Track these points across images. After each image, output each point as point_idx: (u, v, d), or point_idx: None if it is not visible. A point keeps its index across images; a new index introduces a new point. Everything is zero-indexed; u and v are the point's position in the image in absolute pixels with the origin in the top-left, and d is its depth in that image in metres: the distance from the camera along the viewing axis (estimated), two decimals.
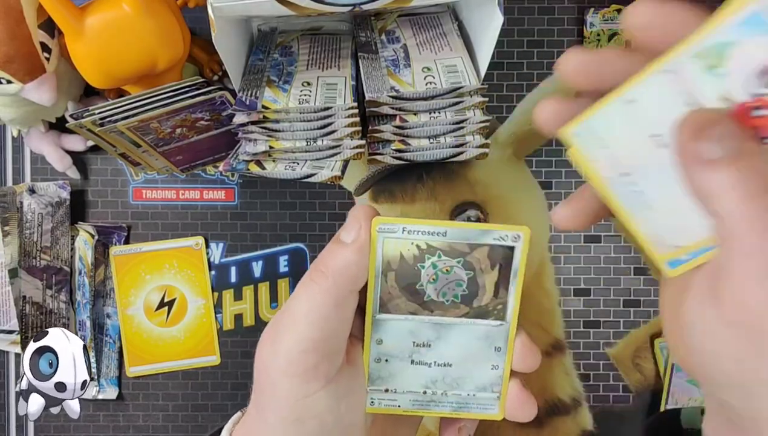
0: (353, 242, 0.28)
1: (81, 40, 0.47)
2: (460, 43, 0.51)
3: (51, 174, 0.60)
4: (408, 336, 0.30)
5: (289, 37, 0.54)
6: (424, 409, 0.32)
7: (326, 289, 0.28)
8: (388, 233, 0.29)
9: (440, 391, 0.31)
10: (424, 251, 0.29)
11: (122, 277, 0.60)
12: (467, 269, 0.29)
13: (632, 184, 0.25)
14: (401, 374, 0.31)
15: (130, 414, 0.61)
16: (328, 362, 0.28)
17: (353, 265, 0.28)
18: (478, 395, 0.31)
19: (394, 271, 0.29)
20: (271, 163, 0.48)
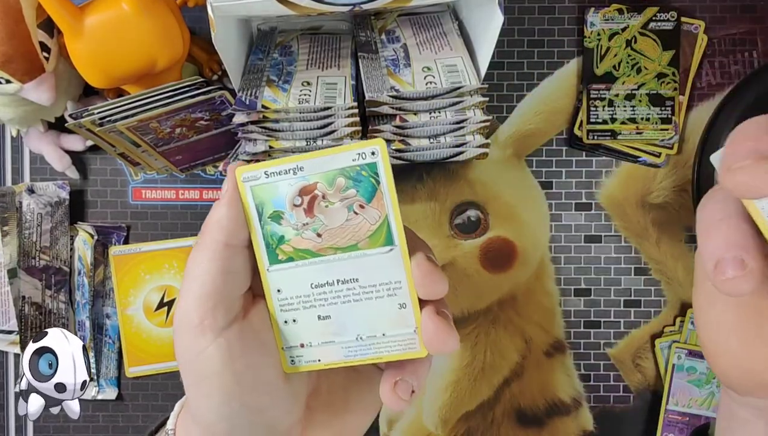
0: (222, 197, 0.29)
1: (80, 40, 0.47)
2: (460, 43, 0.51)
3: (50, 174, 0.60)
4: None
5: (289, 36, 0.54)
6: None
7: (204, 245, 0.28)
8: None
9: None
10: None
11: (122, 277, 0.60)
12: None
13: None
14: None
15: (129, 414, 0.61)
16: (213, 316, 0.28)
17: (224, 218, 0.28)
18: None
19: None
20: None
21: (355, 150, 0.28)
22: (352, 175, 0.28)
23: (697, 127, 0.59)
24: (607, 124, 0.58)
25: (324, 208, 0.29)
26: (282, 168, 0.28)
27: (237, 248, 0.29)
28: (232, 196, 0.29)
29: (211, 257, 0.28)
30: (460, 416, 0.61)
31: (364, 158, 0.28)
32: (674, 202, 0.60)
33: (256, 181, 0.29)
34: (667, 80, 0.58)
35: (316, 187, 0.28)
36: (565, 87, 0.60)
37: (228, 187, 0.29)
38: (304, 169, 0.28)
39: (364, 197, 0.28)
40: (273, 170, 0.28)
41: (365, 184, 0.28)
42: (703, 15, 0.59)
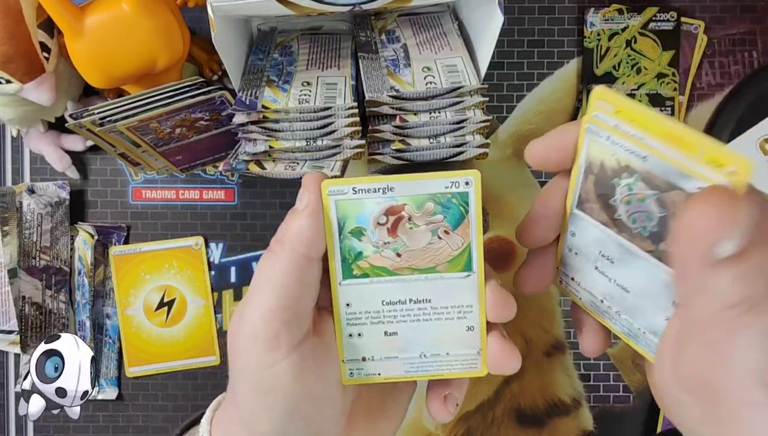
0: (304, 208, 0.28)
1: (80, 40, 0.47)
2: (460, 43, 0.51)
3: (50, 174, 0.60)
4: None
5: (289, 36, 0.54)
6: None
7: (283, 257, 0.28)
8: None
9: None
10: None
11: (122, 277, 0.60)
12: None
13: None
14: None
15: (129, 414, 0.61)
16: (288, 330, 0.28)
17: (306, 229, 0.28)
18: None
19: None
20: (271, 163, 0.48)
21: (450, 178, 0.28)
22: (442, 202, 0.28)
23: (697, 127, 0.59)
24: None
25: (408, 230, 0.29)
26: (372, 186, 0.28)
27: (314, 260, 0.29)
28: (315, 208, 0.28)
29: (289, 268, 0.28)
30: (460, 416, 0.61)
31: (457, 187, 0.28)
32: None
33: (342, 196, 0.29)
34: (667, 80, 0.58)
35: (404, 209, 0.29)
36: (565, 87, 0.60)
37: (311, 199, 0.28)
38: (394, 190, 0.28)
39: (450, 224, 0.29)
40: (362, 187, 0.29)
41: (453, 211, 0.28)
42: (702, 15, 0.59)
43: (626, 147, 0.25)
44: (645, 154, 0.25)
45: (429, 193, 0.28)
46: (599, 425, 0.61)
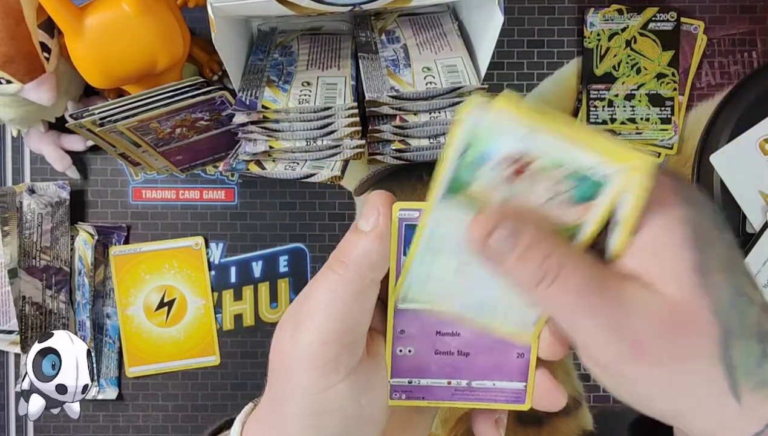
0: (372, 230, 0.27)
1: (81, 40, 0.47)
2: (460, 43, 0.51)
3: (51, 174, 0.60)
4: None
5: (289, 37, 0.54)
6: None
7: (347, 279, 0.27)
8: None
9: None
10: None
11: (122, 277, 0.60)
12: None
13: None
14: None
15: (129, 414, 0.61)
16: (348, 354, 0.27)
17: (373, 253, 0.27)
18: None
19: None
20: (271, 163, 0.48)
21: (607, 160, 0.25)
22: (579, 174, 0.25)
23: (697, 127, 0.59)
24: (606, 125, 0.58)
25: (535, 177, 0.25)
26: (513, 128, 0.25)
27: (376, 284, 0.28)
28: (383, 232, 0.27)
29: (354, 291, 0.27)
30: (460, 416, 0.61)
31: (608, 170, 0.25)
32: None
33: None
34: (667, 80, 0.58)
35: (539, 160, 0.25)
36: (565, 87, 0.60)
37: (380, 223, 0.27)
38: (537, 140, 0.25)
39: (575, 196, 0.25)
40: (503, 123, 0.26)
41: (586, 185, 0.25)
42: (702, 15, 0.59)
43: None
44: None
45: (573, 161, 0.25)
46: (599, 425, 0.61)
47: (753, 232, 0.56)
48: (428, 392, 0.31)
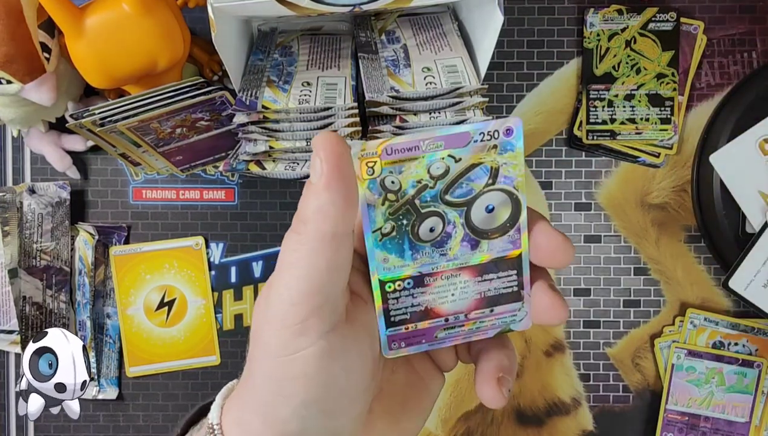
0: (318, 181, 0.25)
1: (81, 40, 0.47)
2: (460, 43, 0.51)
3: (51, 174, 0.60)
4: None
5: (289, 37, 0.54)
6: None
7: (307, 237, 0.25)
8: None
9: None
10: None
11: (122, 277, 0.60)
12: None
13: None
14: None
15: (130, 414, 0.61)
16: (319, 317, 0.26)
17: (326, 205, 0.25)
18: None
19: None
20: (271, 163, 0.48)
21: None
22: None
23: (697, 127, 0.59)
24: (606, 125, 0.58)
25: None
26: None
27: (343, 237, 0.26)
28: (331, 178, 0.25)
29: (315, 250, 0.25)
30: (460, 415, 0.61)
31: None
32: (673, 203, 0.60)
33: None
34: (667, 81, 0.58)
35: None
36: (565, 87, 0.60)
37: (325, 168, 0.25)
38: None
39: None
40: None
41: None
42: (702, 15, 0.59)
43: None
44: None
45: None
46: (599, 425, 0.61)
47: (753, 232, 0.56)
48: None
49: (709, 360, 0.59)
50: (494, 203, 0.27)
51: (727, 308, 0.60)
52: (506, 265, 0.28)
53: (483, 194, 0.27)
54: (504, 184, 0.27)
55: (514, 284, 0.29)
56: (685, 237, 0.60)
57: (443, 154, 0.26)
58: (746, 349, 0.59)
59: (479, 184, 0.27)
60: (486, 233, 0.28)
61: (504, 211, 0.27)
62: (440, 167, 0.26)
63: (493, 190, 0.27)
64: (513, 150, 0.26)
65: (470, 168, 0.26)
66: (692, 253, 0.60)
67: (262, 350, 0.27)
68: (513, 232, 0.28)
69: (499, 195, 0.27)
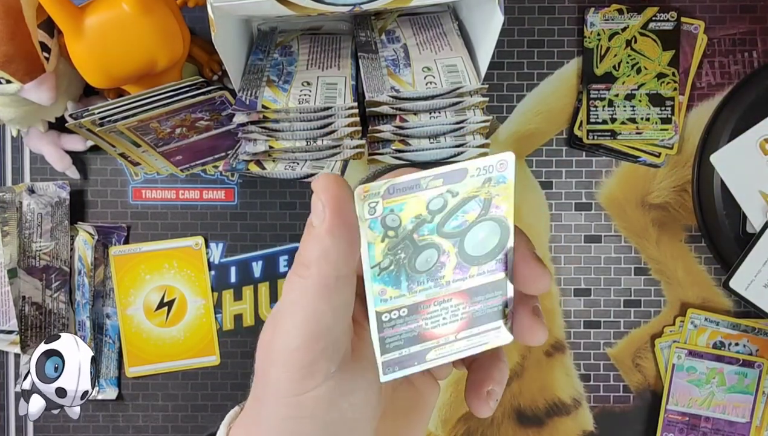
0: (320, 225, 0.25)
1: (80, 40, 0.47)
2: (460, 43, 0.51)
3: (50, 174, 0.60)
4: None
5: (289, 36, 0.54)
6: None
7: (311, 282, 0.26)
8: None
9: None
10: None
11: (122, 277, 0.60)
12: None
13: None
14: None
15: (129, 414, 0.61)
16: (326, 358, 0.26)
17: (330, 250, 0.25)
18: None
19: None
20: (271, 163, 0.48)
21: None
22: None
23: (697, 127, 0.59)
24: (607, 124, 0.58)
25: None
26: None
27: (346, 278, 0.26)
28: (334, 223, 0.25)
29: (320, 293, 0.25)
30: (460, 416, 0.61)
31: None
32: (674, 202, 0.60)
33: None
34: (667, 80, 0.58)
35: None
36: (565, 87, 0.60)
37: (327, 214, 0.25)
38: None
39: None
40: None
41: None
42: (703, 15, 0.59)
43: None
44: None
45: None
46: (599, 425, 0.61)
47: (753, 232, 0.56)
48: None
49: (709, 360, 0.59)
50: (486, 232, 0.28)
51: (727, 308, 0.60)
52: (493, 287, 0.30)
53: (476, 224, 0.28)
54: (495, 214, 0.28)
55: (500, 303, 0.30)
56: (686, 237, 0.60)
57: (442, 190, 0.27)
58: (747, 349, 0.59)
59: (473, 215, 0.28)
60: (477, 260, 0.29)
61: (494, 239, 0.29)
62: (439, 203, 0.27)
63: (485, 220, 0.28)
64: (505, 182, 0.27)
65: (465, 201, 0.27)
66: (693, 253, 0.60)
67: (268, 390, 0.27)
68: (501, 256, 0.29)
69: (490, 224, 0.28)
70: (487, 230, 0.28)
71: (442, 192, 0.27)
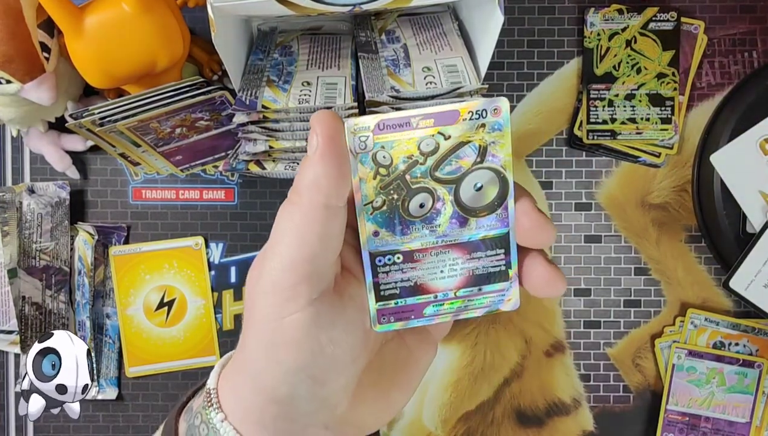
0: (313, 153, 0.26)
1: (80, 40, 0.47)
2: (460, 43, 0.51)
3: (50, 174, 0.60)
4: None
5: (289, 36, 0.54)
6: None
7: (301, 208, 0.27)
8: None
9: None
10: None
11: (122, 277, 0.60)
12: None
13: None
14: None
15: (129, 414, 0.61)
16: (308, 284, 0.27)
17: (320, 177, 0.26)
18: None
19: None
20: (271, 163, 0.48)
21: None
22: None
23: (697, 127, 0.59)
24: (607, 124, 0.58)
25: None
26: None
27: (335, 209, 0.27)
28: (325, 151, 0.26)
29: (308, 219, 0.27)
30: (460, 416, 0.61)
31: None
32: (674, 202, 0.60)
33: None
34: (667, 80, 0.58)
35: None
36: (565, 87, 0.60)
37: (320, 141, 0.26)
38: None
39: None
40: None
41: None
42: (703, 15, 0.59)
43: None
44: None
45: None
46: (599, 425, 0.61)
47: (753, 232, 0.56)
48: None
49: (709, 360, 0.59)
50: (482, 181, 0.28)
51: (727, 308, 0.60)
52: (494, 243, 0.29)
53: (471, 172, 0.28)
54: (492, 162, 0.28)
55: (502, 263, 0.29)
56: (686, 237, 0.60)
57: (433, 131, 0.27)
58: (747, 349, 0.59)
59: (468, 162, 0.27)
60: (474, 211, 0.28)
61: (492, 190, 0.28)
62: (430, 144, 0.27)
63: (481, 168, 0.28)
64: (501, 129, 0.27)
65: (459, 146, 0.27)
66: (693, 253, 0.60)
67: (253, 317, 0.28)
68: (500, 210, 0.28)
69: (487, 173, 0.28)
70: (484, 179, 0.28)
71: (433, 133, 0.27)
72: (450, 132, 0.27)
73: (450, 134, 0.27)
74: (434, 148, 0.27)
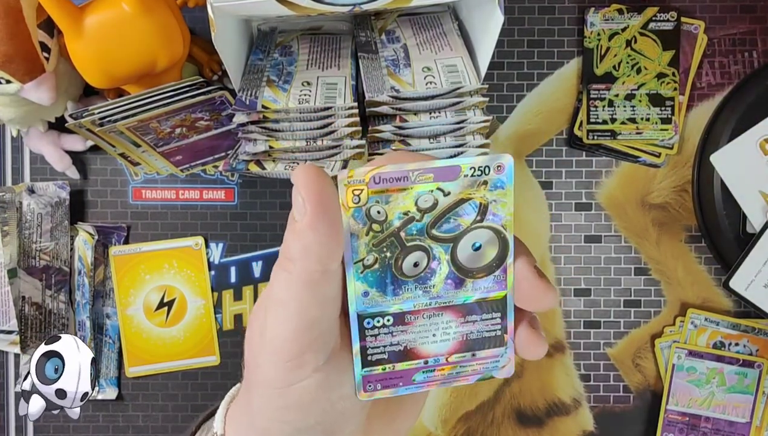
0: (301, 220, 0.24)
1: (80, 40, 0.47)
2: (460, 43, 0.51)
3: (50, 174, 0.60)
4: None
5: (289, 36, 0.54)
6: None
7: (296, 276, 0.25)
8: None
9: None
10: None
11: (122, 277, 0.60)
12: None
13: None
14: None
15: (129, 415, 0.61)
16: (314, 350, 0.26)
17: (312, 244, 0.24)
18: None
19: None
20: (271, 163, 0.48)
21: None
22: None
23: (697, 127, 0.59)
24: (607, 124, 0.58)
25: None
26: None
27: (332, 272, 0.26)
28: (314, 218, 0.24)
29: (307, 289, 0.25)
30: (460, 416, 0.61)
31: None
32: (674, 202, 0.60)
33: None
34: (667, 80, 0.58)
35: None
36: (565, 87, 0.60)
37: (308, 208, 0.24)
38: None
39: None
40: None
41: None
42: (703, 15, 0.59)
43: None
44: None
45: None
46: (599, 425, 0.61)
47: (753, 232, 0.56)
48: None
49: (709, 360, 0.59)
50: (481, 241, 0.27)
51: (727, 309, 0.60)
52: (490, 306, 0.28)
53: (470, 231, 0.26)
54: (492, 221, 0.26)
55: (498, 327, 0.28)
56: (686, 237, 0.60)
57: (432, 187, 0.25)
58: (747, 349, 0.59)
59: (467, 221, 0.26)
60: (471, 272, 0.27)
61: (491, 250, 0.27)
62: (428, 200, 0.25)
63: (481, 227, 0.26)
64: (503, 187, 0.26)
65: (459, 203, 0.26)
66: (693, 253, 0.60)
67: (258, 381, 0.27)
68: (499, 272, 0.27)
69: (486, 233, 0.26)
70: (483, 238, 0.26)
71: (432, 189, 0.25)
72: (450, 188, 0.25)
73: (450, 190, 0.25)
74: (432, 205, 0.26)
